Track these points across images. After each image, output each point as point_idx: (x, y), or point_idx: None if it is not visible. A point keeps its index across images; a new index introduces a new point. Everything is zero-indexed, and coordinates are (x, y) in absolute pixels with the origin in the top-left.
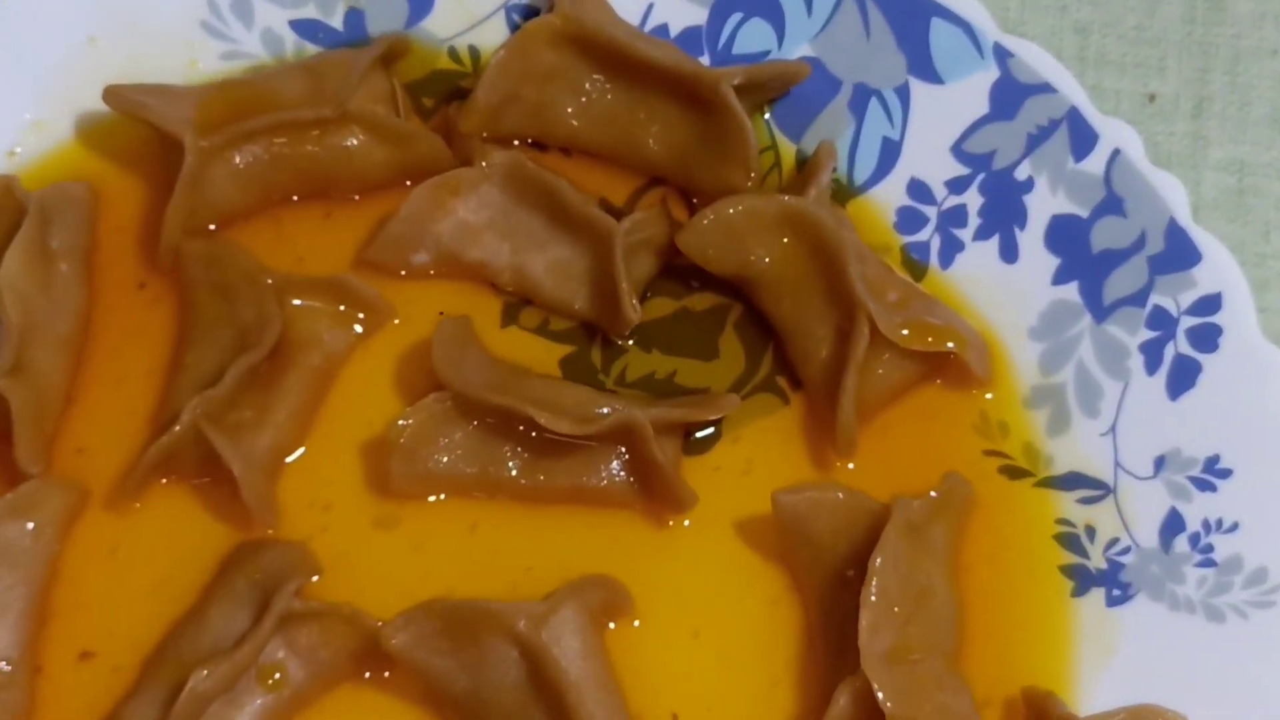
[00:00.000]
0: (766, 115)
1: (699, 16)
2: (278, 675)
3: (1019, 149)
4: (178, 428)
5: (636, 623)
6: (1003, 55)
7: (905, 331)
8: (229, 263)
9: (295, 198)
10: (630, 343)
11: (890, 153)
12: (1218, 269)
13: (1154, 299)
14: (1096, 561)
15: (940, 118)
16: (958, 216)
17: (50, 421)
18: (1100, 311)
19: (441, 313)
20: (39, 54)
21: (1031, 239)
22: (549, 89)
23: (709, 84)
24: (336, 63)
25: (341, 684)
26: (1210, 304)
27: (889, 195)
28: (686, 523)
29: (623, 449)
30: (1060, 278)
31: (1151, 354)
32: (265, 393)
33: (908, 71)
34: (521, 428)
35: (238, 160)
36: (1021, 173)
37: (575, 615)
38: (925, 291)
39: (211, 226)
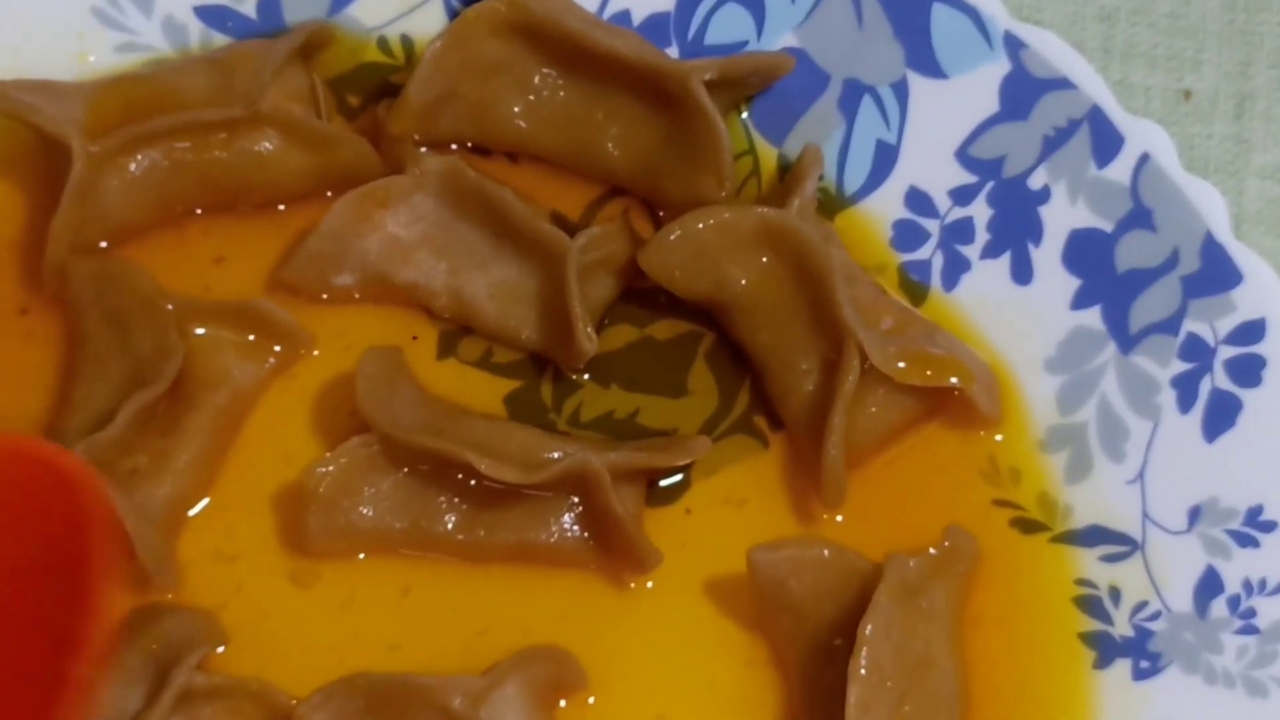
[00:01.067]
0: (744, 115)
1: (666, 2)
2: None
3: (1033, 154)
4: None
5: (591, 699)
6: (1015, 46)
7: (902, 364)
8: (123, 285)
9: (200, 210)
10: (585, 377)
11: (885, 158)
12: (1261, 291)
13: (1188, 326)
14: (1122, 628)
15: (943, 118)
16: (963, 231)
17: None
18: (1126, 340)
19: (371, 346)
20: None
21: (1047, 257)
22: (492, 85)
23: (677, 79)
24: (248, 55)
25: None
26: (1252, 332)
27: (884, 207)
28: (649, 584)
29: (576, 500)
30: (1080, 301)
31: (1185, 389)
32: (164, 435)
33: (906, 65)
34: (459, 476)
35: (133, 168)
36: (1036, 181)
37: (519, 692)
38: (925, 318)
39: (103, 244)
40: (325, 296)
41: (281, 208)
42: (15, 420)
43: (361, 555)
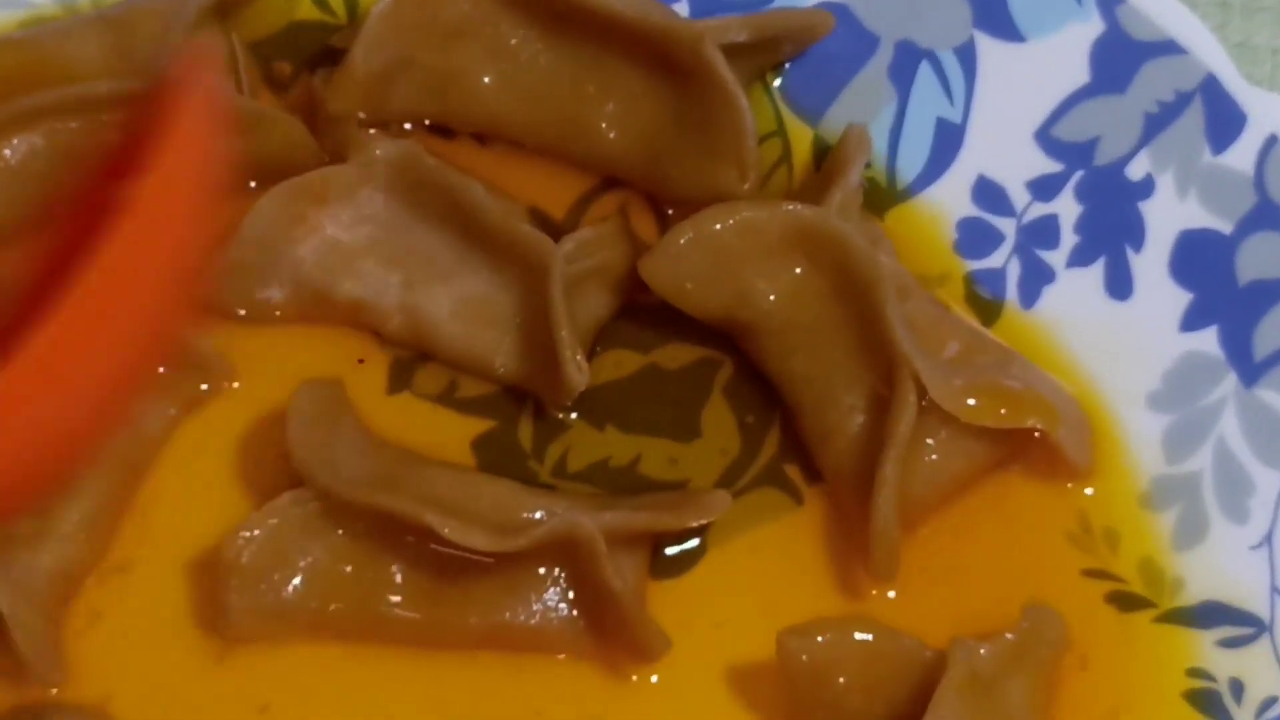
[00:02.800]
0: (771, 87)
1: None
2: None
3: (1133, 135)
4: None
5: None
6: (1109, 1)
7: (971, 400)
8: None
9: None
10: (574, 416)
11: (948, 141)
12: None
13: None
14: None
15: (1020, 91)
16: (1045, 233)
17: None
18: (1249, 370)
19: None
20: None
21: (1151, 265)
22: (457, 50)
23: (687, 43)
24: (150, 14)
25: None
26: None
27: (947, 202)
28: (654, 677)
29: (562, 572)
30: (1193, 321)
31: None
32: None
33: (973, 24)
34: (416, 541)
35: (8, 154)
36: (1137, 169)
37: None
38: (999, 342)
39: None
40: (244, 313)
41: None
42: None
43: (293, 641)
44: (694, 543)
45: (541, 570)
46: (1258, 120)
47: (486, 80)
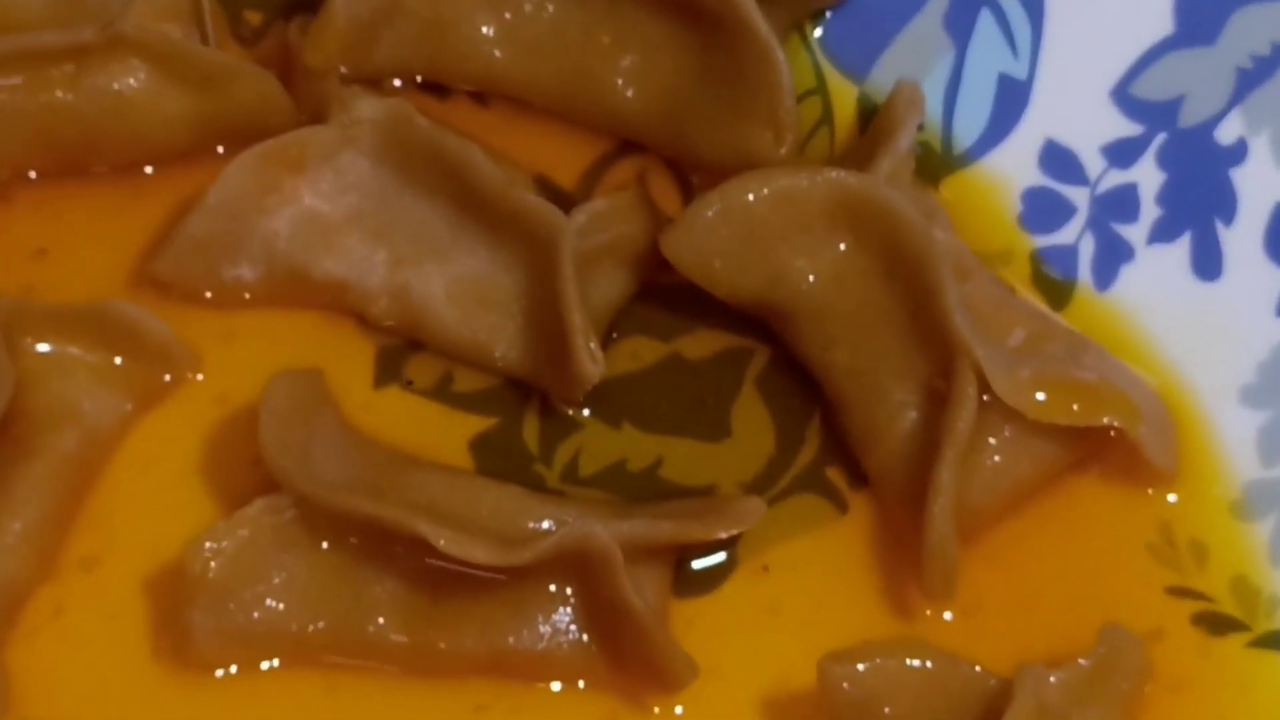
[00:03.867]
0: (811, 38)
1: None
2: None
3: (1223, 94)
4: None
5: None
6: None
7: (1039, 395)
8: None
9: (34, 174)
10: (586, 413)
11: (1013, 99)
12: None
13: None
14: None
15: (1094, 42)
16: (1123, 204)
17: None
18: None
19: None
20: None
21: (1243, 241)
22: None
23: None
24: None
25: None
26: None
27: (1010, 169)
28: (679, 708)
29: (572, 589)
30: None
31: None
32: None
33: None
34: (406, 554)
35: None
36: (1227, 132)
37: None
38: (1070, 328)
39: None
40: (212, 296)
41: (149, 170)
42: None
43: (265, 665)
44: (723, 556)
45: (550, 587)
46: None
47: (486, 30)
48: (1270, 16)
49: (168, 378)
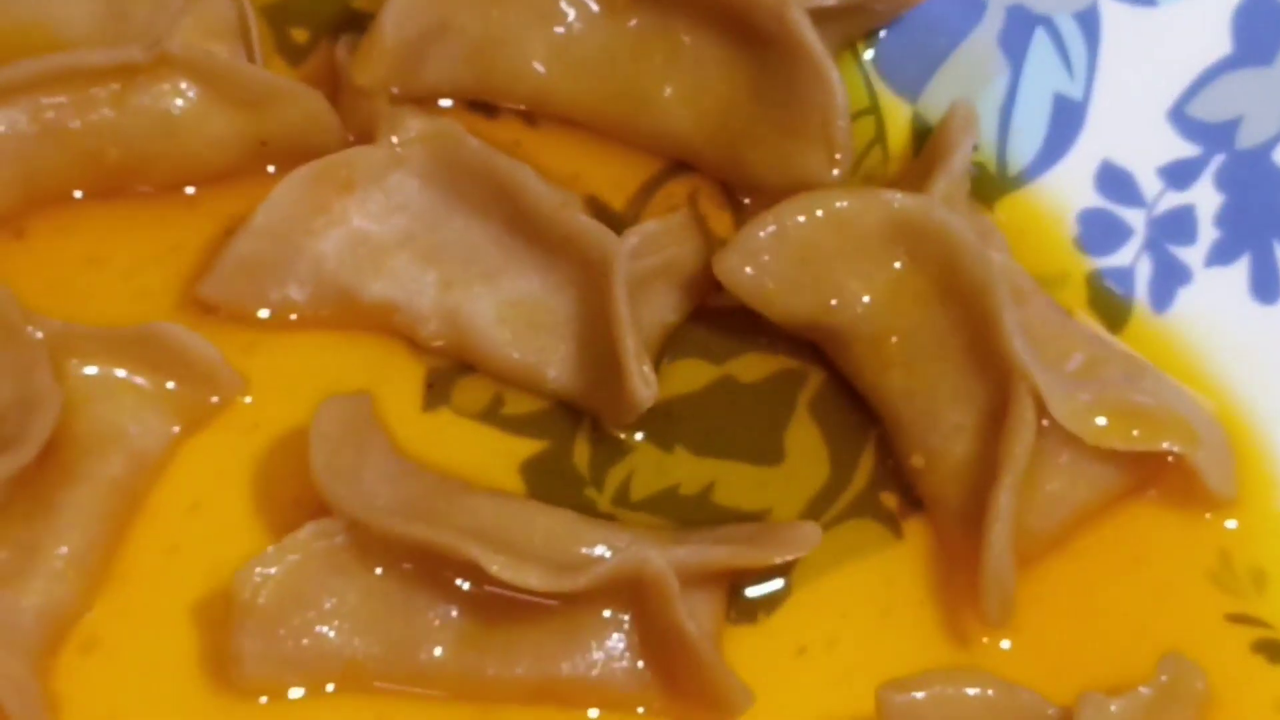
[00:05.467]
0: (864, 58)
1: None
2: None
3: None
4: None
5: None
6: None
7: (1098, 420)
8: None
9: (81, 194)
10: (639, 437)
11: (1069, 120)
12: None
13: None
14: None
15: (1151, 63)
16: (1181, 226)
17: None
18: None
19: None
20: None
21: None
22: (502, 14)
23: (769, 7)
24: None
25: None
26: None
27: (1067, 190)
28: None
29: (626, 615)
30: None
31: None
32: (31, 521)
33: None
34: (458, 580)
35: None
36: None
37: None
38: (1128, 351)
39: None
40: (263, 315)
41: (195, 190)
42: None
43: (315, 691)
44: (778, 583)
45: (603, 613)
46: None
47: (536, 49)
48: None
49: (215, 400)
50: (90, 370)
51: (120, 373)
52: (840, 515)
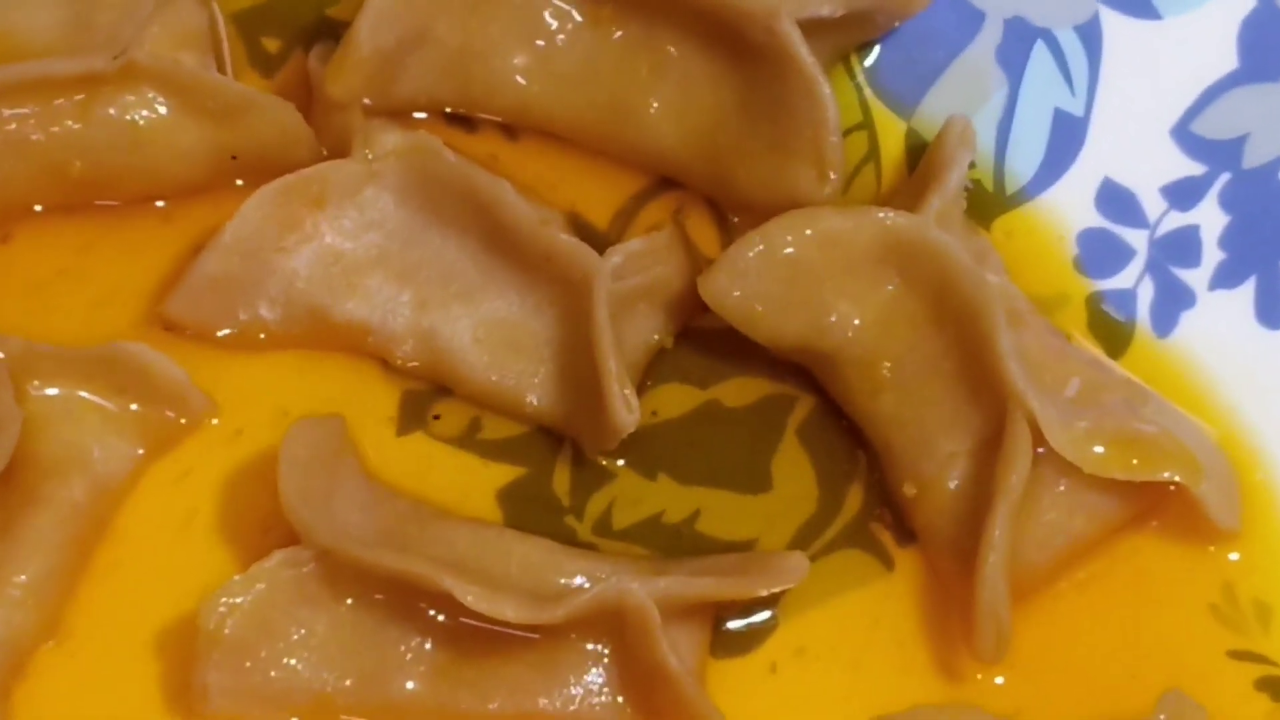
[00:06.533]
0: (857, 72)
1: None
2: None
3: None
4: None
5: None
6: None
7: (1096, 448)
8: None
9: (40, 208)
10: (620, 463)
11: (1068, 136)
12: None
13: None
14: None
15: (1154, 78)
16: (1184, 247)
17: None
18: None
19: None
20: None
21: None
22: (482, 24)
23: (759, 17)
24: None
25: None
26: None
27: (1066, 210)
28: None
29: (606, 648)
30: None
31: None
32: None
33: None
34: (431, 611)
35: None
36: None
37: None
38: (1129, 377)
39: None
40: (228, 338)
41: (163, 205)
42: None
43: None
44: (764, 615)
45: (582, 646)
46: None
47: (517, 60)
48: None
49: (181, 422)
50: (52, 391)
51: (83, 394)
52: (829, 545)
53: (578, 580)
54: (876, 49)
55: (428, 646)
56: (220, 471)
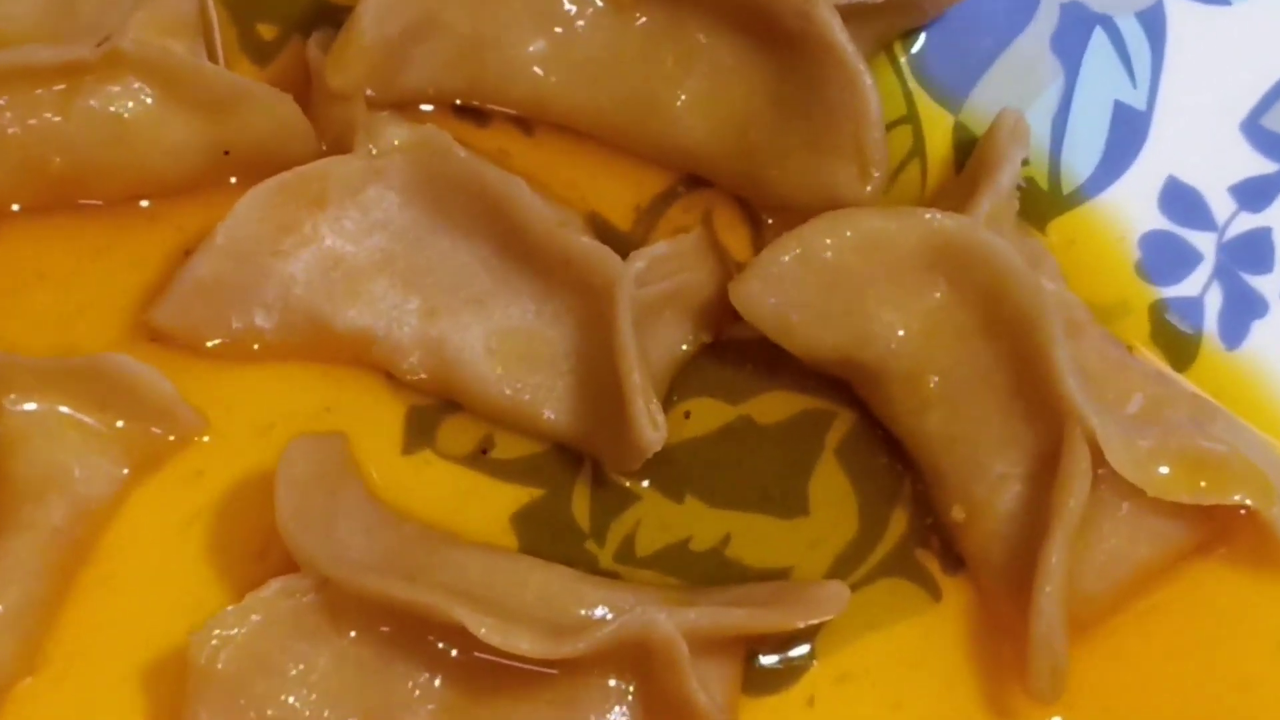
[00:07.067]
0: (902, 61)
1: None
2: None
3: None
4: None
5: None
6: None
7: (1161, 469)
8: None
9: (17, 207)
10: (645, 484)
11: (1130, 131)
12: None
13: None
14: None
15: (1222, 69)
16: (1255, 251)
17: None
18: None
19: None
20: None
21: None
22: (495, 9)
23: (793, 3)
24: None
25: None
26: None
27: (1128, 211)
28: None
29: (630, 685)
30: None
31: None
32: None
33: None
34: (441, 644)
35: None
36: None
37: None
38: (1196, 391)
39: None
40: (220, 348)
41: (150, 204)
42: None
43: None
44: (800, 649)
45: (605, 683)
46: None
47: (532, 48)
48: None
49: (170, 440)
50: (30, 406)
51: (64, 409)
52: (871, 574)
53: (599, 611)
54: (922, 36)
55: (437, 683)
56: (211, 493)
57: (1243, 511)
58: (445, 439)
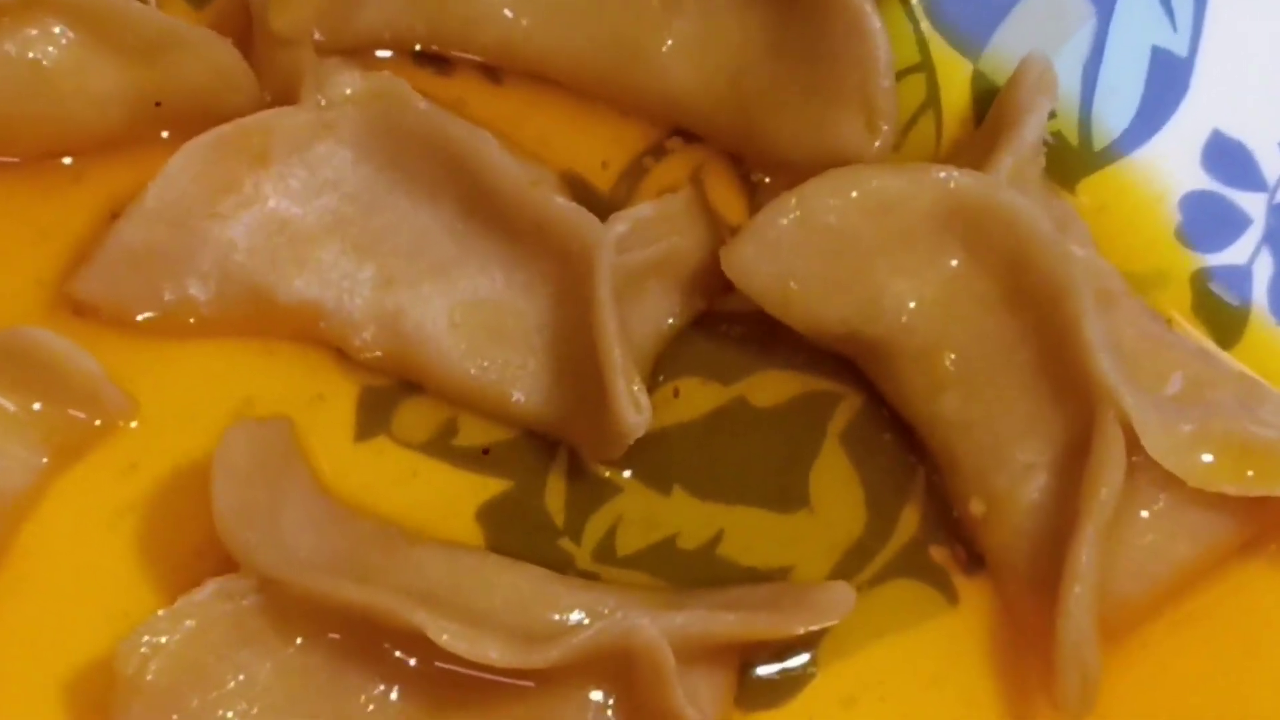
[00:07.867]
0: (914, 2)
1: None
2: None
3: None
4: None
5: None
6: None
7: (1204, 457)
8: None
9: None
10: (627, 474)
11: (1170, 81)
12: None
13: None
14: None
15: (1273, 10)
16: None
17: None
18: None
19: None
20: None
21: None
22: None
23: None
24: None
25: None
26: None
27: (1167, 169)
28: None
29: (610, 698)
30: None
31: None
32: None
33: None
34: (398, 653)
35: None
36: None
37: None
38: (1242, 370)
39: None
40: (150, 322)
41: (72, 161)
42: None
43: None
44: (801, 659)
45: (582, 695)
46: None
47: None
48: None
49: (95, 425)
50: None
51: None
52: (879, 575)
53: (575, 616)
54: None
55: (394, 696)
56: (140, 485)
57: None
58: (403, 424)
